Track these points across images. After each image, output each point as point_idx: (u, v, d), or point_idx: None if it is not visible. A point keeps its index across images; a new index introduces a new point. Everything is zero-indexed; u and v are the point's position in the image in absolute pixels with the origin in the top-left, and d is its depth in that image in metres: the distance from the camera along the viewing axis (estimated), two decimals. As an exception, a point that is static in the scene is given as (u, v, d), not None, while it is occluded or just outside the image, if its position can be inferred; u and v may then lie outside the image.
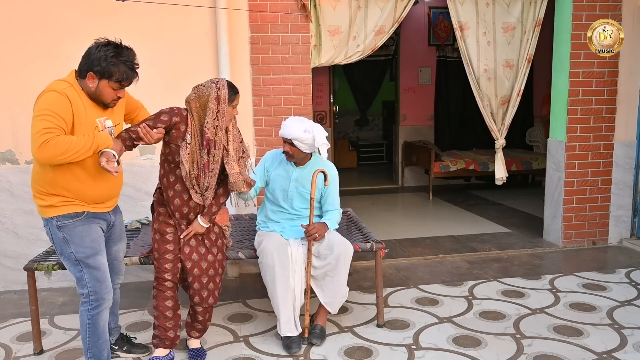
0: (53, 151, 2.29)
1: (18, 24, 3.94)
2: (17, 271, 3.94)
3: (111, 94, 2.51)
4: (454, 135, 8.47)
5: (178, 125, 2.71)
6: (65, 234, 2.55)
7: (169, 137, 2.74)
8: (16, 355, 3.13)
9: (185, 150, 2.70)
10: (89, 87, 2.47)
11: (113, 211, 2.77)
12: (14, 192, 4.07)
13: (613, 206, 5.04)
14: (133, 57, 2.51)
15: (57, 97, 2.37)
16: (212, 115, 2.70)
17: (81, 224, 2.56)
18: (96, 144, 2.43)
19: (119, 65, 2.44)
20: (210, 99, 2.69)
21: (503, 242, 5.20)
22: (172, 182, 2.80)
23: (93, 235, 2.59)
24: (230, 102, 2.74)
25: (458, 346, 3.13)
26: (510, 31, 4.89)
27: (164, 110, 2.72)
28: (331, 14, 4.50)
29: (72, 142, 2.34)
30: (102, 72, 2.43)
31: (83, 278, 2.59)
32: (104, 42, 2.48)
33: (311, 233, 3.07)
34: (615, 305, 3.67)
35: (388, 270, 4.40)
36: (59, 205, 2.52)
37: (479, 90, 4.93)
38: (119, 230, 2.89)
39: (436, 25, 8.19)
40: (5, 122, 4.02)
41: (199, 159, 2.73)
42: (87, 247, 2.56)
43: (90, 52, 2.46)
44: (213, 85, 2.72)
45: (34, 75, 3.97)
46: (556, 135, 5.01)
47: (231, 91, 2.75)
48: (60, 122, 2.34)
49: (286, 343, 3.10)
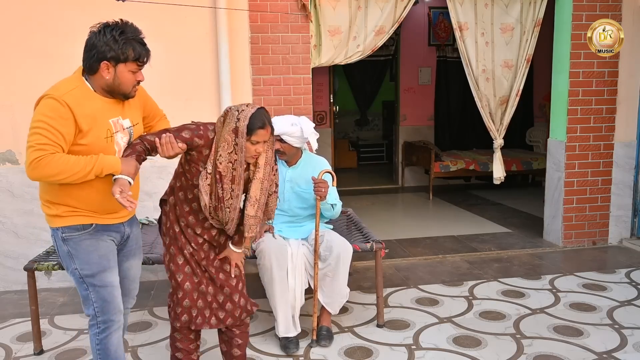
0: (45, 171, 2.03)
1: (18, 24, 3.94)
2: (17, 271, 3.94)
3: (131, 79, 2.22)
4: (454, 135, 8.47)
5: (200, 149, 2.33)
6: (70, 248, 2.26)
7: (189, 156, 2.37)
8: (16, 355, 3.13)
9: (204, 180, 2.32)
10: (105, 79, 2.18)
11: (128, 222, 2.43)
12: (14, 192, 4.07)
13: (613, 206, 5.04)
14: (139, 32, 2.24)
15: (54, 106, 2.07)
16: (227, 147, 2.30)
17: (88, 238, 2.26)
18: (99, 168, 2.12)
19: (131, 42, 2.17)
20: (227, 129, 2.30)
21: (503, 242, 5.20)
22: (190, 198, 2.43)
23: (101, 251, 2.29)
24: (249, 136, 2.30)
25: (458, 346, 3.12)
26: (508, 32, 4.89)
27: (189, 126, 2.35)
28: (331, 14, 4.50)
29: (69, 163, 2.06)
30: (118, 56, 2.14)
31: (89, 297, 2.30)
32: (103, 25, 2.20)
33: (319, 187, 3.00)
34: (615, 305, 3.67)
35: (388, 270, 4.40)
36: (64, 215, 2.24)
37: (478, 91, 4.93)
38: (134, 245, 2.51)
39: (436, 26, 8.19)
40: (5, 122, 4.02)
41: (215, 191, 2.36)
42: (94, 264, 2.27)
43: (93, 42, 2.17)
44: (236, 112, 2.32)
45: (34, 75, 3.98)
46: (556, 135, 5.01)
47: (255, 123, 2.30)
48: (56, 137, 2.05)
49: (284, 343, 3.10)
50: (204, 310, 2.49)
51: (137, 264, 2.57)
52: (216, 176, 2.32)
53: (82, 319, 3.60)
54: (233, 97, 4.19)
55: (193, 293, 2.47)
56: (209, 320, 2.50)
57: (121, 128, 2.27)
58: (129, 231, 2.44)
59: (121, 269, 2.45)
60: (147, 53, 2.24)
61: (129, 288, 2.55)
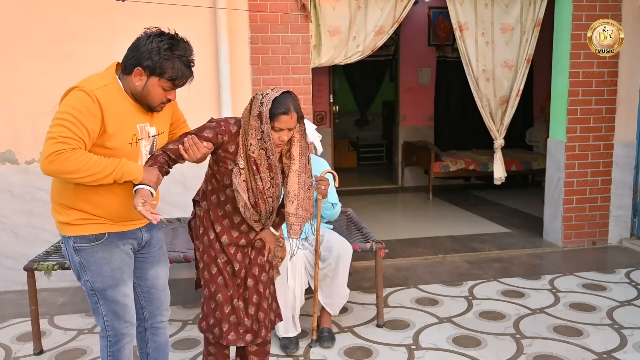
0: (62, 166, 1.88)
1: (18, 24, 3.94)
2: (17, 271, 3.94)
3: (160, 95, 2.07)
4: (453, 135, 8.47)
5: (226, 146, 2.20)
6: (82, 259, 2.12)
7: (216, 156, 2.24)
8: (16, 355, 3.13)
9: (239, 177, 2.18)
10: (135, 85, 2.04)
11: (147, 227, 2.26)
12: (14, 192, 4.07)
13: (613, 206, 5.04)
14: (190, 52, 2.09)
15: (84, 99, 1.93)
16: (255, 134, 2.17)
17: (101, 249, 2.11)
18: (119, 173, 1.98)
19: (174, 61, 2.01)
20: (253, 115, 2.17)
21: (503, 242, 5.20)
22: (223, 201, 2.28)
23: (115, 263, 2.14)
24: (272, 122, 2.14)
25: (458, 346, 3.12)
26: (508, 32, 4.89)
27: (208, 124, 2.21)
28: (331, 14, 4.50)
29: (89, 162, 1.91)
30: (153, 68, 2.00)
31: (98, 310, 2.17)
32: (157, 31, 2.05)
33: (320, 185, 2.89)
34: (615, 305, 3.67)
35: (388, 270, 4.40)
36: (77, 223, 2.08)
37: (478, 91, 4.93)
38: (158, 250, 2.33)
39: (436, 26, 8.19)
40: (5, 122, 4.02)
41: (254, 185, 2.21)
42: (106, 277, 2.12)
43: (139, 44, 2.03)
44: (260, 96, 2.18)
45: (33, 76, 3.98)
46: (556, 135, 5.01)
47: (277, 108, 2.13)
48: (81, 132, 1.91)
49: (284, 343, 3.10)
50: (238, 327, 2.34)
51: (164, 271, 2.38)
52: (252, 167, 2.18)
53: (82, 319, 3.60)
54: (233, 97, 4.19)
55: (225, 306, 2.32)
56: (243, 337, 2.35)
57: (147, 135, 2.13)
58: (148, 236, 2.27)
59: (147, 278, 2.31)
60: (187, 77, 2.08)
61: (160, 299, 2.35)
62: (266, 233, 2.39)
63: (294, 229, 2.29)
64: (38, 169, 4.20)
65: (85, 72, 4.47)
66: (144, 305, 2.34)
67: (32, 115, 4.02)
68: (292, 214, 2.27)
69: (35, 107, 4.01)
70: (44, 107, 4.03)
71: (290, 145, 2.27)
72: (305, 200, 2.29)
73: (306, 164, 2.28)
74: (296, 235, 2.30)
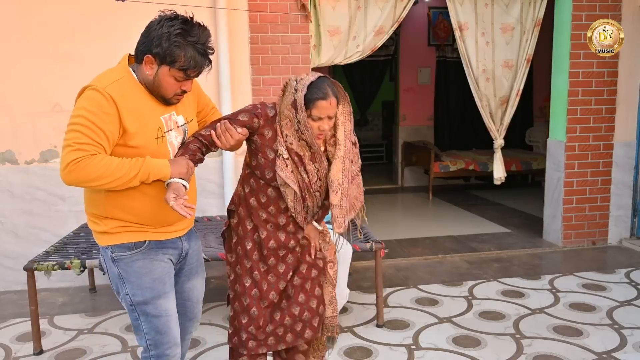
0: (82, 175, 1.74)
1: (17, 24, 3.93)
2: (17, 271, 3.94)
3: (173, 86, 1.88)
4: (453, 136, 8.47)
5: (262, 131, 2.01)
6: (120, 270, 1.96)
7: (254, 145, 2.04)
8: (16, 355, 3.13)
9: (285, 169, 1.98)
10: (146, 74, 1.87)
11: (187, 236, 2.11)
12: (13, 192, 4.07)
13: (613, 206, 5.04)
14: (206, 39, 1.87)
15: (97, 99, 1.78)
16: (290, 125, 1.98)
17: (141, 258, 1.95)
18: (145, 173, 1.82)
19: (186, 48, 1.81)
20: (286, 103, 1.97)
21: (503, 242, 5.20)
22: (265, 203, 2.09)
23: (155, 273, 1.97)
24: (309, 110, 1.93)
25: (458, 346, 3.12)
26: (508, 32, 4.89)
27: (245, 108, 2.04)
28: (331, 14, 4.50)
29: (110, 166, 1.76)
30: (163, 56, 1.81)
31: (140, 327, 2.01)
32: (170, 15, 1.86)
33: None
34: (615, 305, 3.67)
35: (388, 270, 4.40)
36: (113, 232, 1.93)
37: (478, 91, 4.93)
38: (195, 262, 2.19)
39: (436, 26, 8.19)
40: (5, 122, 4.02)
41: (300, 179, 2.03)
42: (146, 289, 1.96)
43: (150, 28, 1.85)
44: (294, 82, 1.96)
45: (33, 75, 3.98)
46: (556, 135, 5.01)
47: (314, 92, 1.92)
48: (98, 136, 1.76)
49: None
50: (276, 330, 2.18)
51: (201, 283, 2.24)
52: (294, 159, 1.98)
53: (82, 319, 3.60)
54: (233, 97, 4.19)
55: (260, 320, 2.14)
56: (283, 339, 2.19)
57: (175, 125, 1.96)
58: (188, 246, 2.11)
59: (183, 290, 2.16)
60: (201, 66, 1.87)
61: (194, 311, 2.23)
62: (309, 229, 2.19)
63: (337, 222, 2.06)
64: (38, 169, 4.24)
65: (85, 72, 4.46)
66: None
67: (32, 115, 4.02)
68: (336, 205, 2.04)
69: (35, 107, 4.01)
70: (44, 107, 4.05)
71: (335, 129, 2.05)
72: (350, 190, 2.08)
73: (352, 148, 2.07)
74: (340, 229, 2.07)
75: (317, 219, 2.22)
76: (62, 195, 4.10)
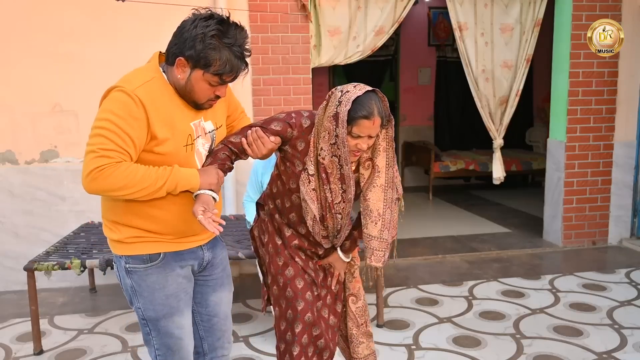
0: (106, 184, 1.61)
1: (18, 24, 3.93)
2: (17, 271, 3.94)
3: (206, 91, 1.74)
4: (453, 136, 8.47)
5: (294, 142, 1.89)
6: (133, 282, 1.83)
7: (284, 153, 1.93)
8: (16, 355, 3.13)
9: (307, 184, 1.87)
10: (177, 78, 1.73)
11: (210, 244, 1.95)
12: (13, 192, 4.07)
13: (613, 206, 5.04)
14: (243, 40, 1.71)
15: (125, 101, 1.64)
16: (328, 138, 1.84)
17: (155, 272, 1.82)
18: (172, 184, 1.69)
19: (221, 51, 1.67)
20: (328, 114, 1.83)
21: (503, 242, 5.20)
22: (288, 208, 2.00)
23: (170, 289, 1.83)
24: (350, 126, 1.79)
25: (458, 346, 3.12)
26: (508, 32, 4.89)
27: (278, 116, 1.91)
28: (331, 14, 4.50)
29: (137, 175, 1.63)
30: (197, 59, 1.67)
31: (151, 342, 1.89)
32: (205, 14, 1.71)
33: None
34: (615, 305, 3.67)
35: (388, 270, 4.40)
36: (129, 241, 1.80)
37: (478, 91, 4.93)
38: (221, 272, 2.01)
39: (436, 26, 8.19)
40: (5, 122, 4.02)
41: (322, 196, 1.91)
42: (159, 305, 1.83)
43: (183, 28, 1.71)
44: (339, 94, 1.83)
45: (33, 75, 3.98)
46: (556, 136, 5.01)
47: (357, 110, 1.77)
48: (124, 142, 1.63)
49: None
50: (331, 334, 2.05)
51: (228, 297, 2.06)
52: (322, 175, 1.87)
53: (82, 319, 3.60)
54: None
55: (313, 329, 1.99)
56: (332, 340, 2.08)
57: (203, 132, 1.83)
58: (210, 256, 1.96)
59: (208, 304, 2.00)
60: (238, 70, 1.72)
61: (222, 329, 2.04)
62: (335, 259, 2.06)
63: (376, 255, 1.92)
64: (38, 169, 4.24)
65: (85, 73, 4.48)
66: (203, 336, 2.03)
67: (32, 115, 4.03)
68: (376, 237, 1.91)
69: (35, 107, 4.01)
70: (44, 107, 4.05)
71: (374, 153, 1.91)
72: (390, 223, 1.93)
73: (393, 177, 1.92)
74: (379, 263, 1.92)
75: (344, 250, 2.08)
76: (62, 195, 4.10)
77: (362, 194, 1.93)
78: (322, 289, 2.06)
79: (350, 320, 2.18)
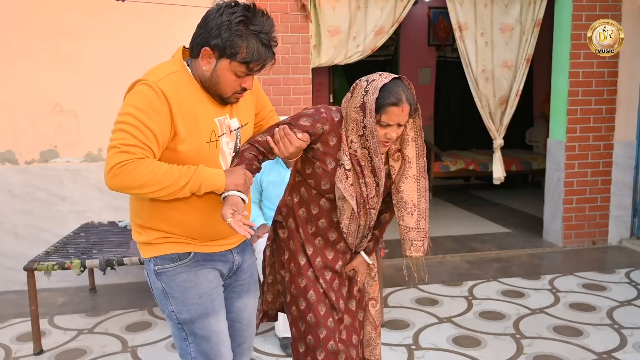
0: (127, 180, 1.55)
1: (18, 24, 3.94)
2: (17, 271, 3.94)
3: (233, 83, 1.67)
4: (453, 135, 8.48)
5: (326, 138, 1.81)
6: (164, 284, 1.76)
7: (312, 152, 1.84)
8: (16, 355, 3.13)
9: (345, 180, 1.78)
10: (202, 70, 1.66)
11: (239, 248, 1.90)
12: (13, 192, 4.07)
13: (613, 206, 5.04)
14: (270, 28, 1.65)
15: (148, 94, 1.58)
16: (355, 129, 1.78)
17: (185, 270, 1.75)
18: (196, 184, 1.62)
19: (248, 38, 1.60)
20: (354, 105, 1.78)
21: (503, 242, 5.20)
22: (315, 215, 1.89)
23: (202, 287, 1.76)
24: (378, 115, 1.74)
25: (458, 346, 3.13)
26: (508, 32, 4.89)
27: (306, 112, 1.82)
28: (331, 14, 4.50)
29: (158, 173, 1.57)
30: (223, 47, 1.60)
31: (187, 350, 1.79)
32: (230, 1, 1.65)
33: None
34: (615, 305, 3.67)
35: (388, 270, 4.40)
36: (156, 242, 1.75)
37: (478, 91, 4.93)
38: (249, 278, 1.96)
39: (436, 26, 8.20)
40: (5, 122, 4.02)
41: (358, 191, 1.82)
42: (193, 305, 1.75)
43: (208, 18, 1.65)
44: (365, 83, 1.77)
45: (33, 75, 3.98)
46: (556, 135, 5.01)
47: (385, 97, 1.73)
48: (147, 137, 1.57)
49: (283, 343, 3.10)
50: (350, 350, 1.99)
51: (253, 304, 1.99)
52: (356, 168, 1.79)
53: (82, 319, 3.60)
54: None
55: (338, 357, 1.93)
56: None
57: (227, 130, 1.76)
58: (240, 260, 1.89)
59: (232, 310, 1.93)
60: (265, 59, 1.66)
61: (244, 335, 1.98)
62: (359, 261, 2.01)
63: (415, 245, 1.88)
64: (38, 169, 4.25)
65: (85, 72, 4.48)
66: None
67: (32, 115, 4.03)
68: (413, 228, 1.87)
69: (35, 107, 4.02)
70: (44, 107, 4.05)
71: (402, 144, 1.87)
72: (425, 212, 1.89)
73: (424, 166, 1.88)
74: (419, 252, 1.89)
75: (367, 251, 2.02)
76: (62, 195, 4.11)
77: (395, 186, 1.87)
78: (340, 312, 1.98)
79: (369, 324, 2.15)
